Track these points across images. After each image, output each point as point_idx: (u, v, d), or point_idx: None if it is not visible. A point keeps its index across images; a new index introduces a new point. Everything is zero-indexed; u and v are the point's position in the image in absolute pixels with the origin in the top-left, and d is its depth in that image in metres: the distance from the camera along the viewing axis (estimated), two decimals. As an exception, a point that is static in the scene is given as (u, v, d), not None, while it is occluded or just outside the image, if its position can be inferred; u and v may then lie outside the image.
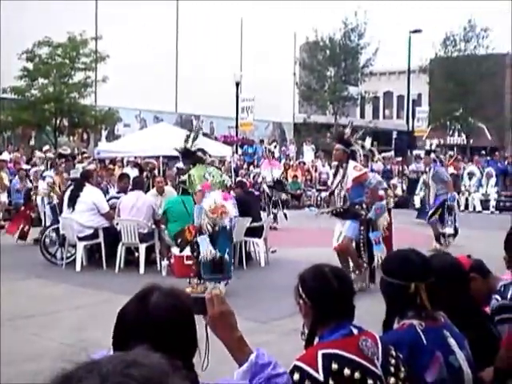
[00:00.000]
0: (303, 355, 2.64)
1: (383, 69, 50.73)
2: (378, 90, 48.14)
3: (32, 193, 16.31)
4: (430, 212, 13.99)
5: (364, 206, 9.79)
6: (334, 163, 11.75)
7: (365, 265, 9.79)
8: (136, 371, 1.05)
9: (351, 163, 9.80)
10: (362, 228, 9.79)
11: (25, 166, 20.55)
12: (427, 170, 14.62)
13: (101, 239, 11.57)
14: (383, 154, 29.98)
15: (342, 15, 39.72)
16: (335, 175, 10.36)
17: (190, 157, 9.76)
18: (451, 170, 22.47)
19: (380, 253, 9.65)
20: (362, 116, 51.73)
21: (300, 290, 2.78)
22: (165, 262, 11.07)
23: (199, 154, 9.82)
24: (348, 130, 10.23)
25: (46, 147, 24.48)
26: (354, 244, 9.82)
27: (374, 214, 9.73)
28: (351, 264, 9.77)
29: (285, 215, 17.67)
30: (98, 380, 1.02)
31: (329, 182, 10.62)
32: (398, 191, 26.26)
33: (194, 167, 9.62)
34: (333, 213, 10.36)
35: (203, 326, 2.20)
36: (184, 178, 9.85)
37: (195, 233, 9.51)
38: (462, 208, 23.91)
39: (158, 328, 1.91)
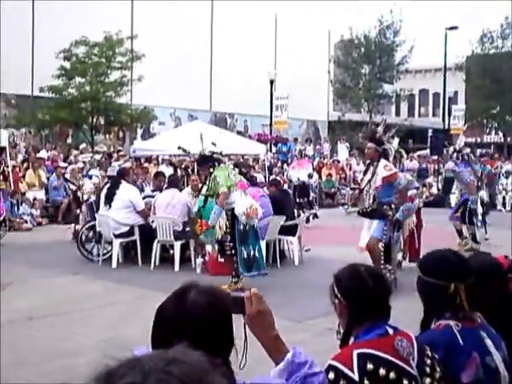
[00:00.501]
0: (338, 354, 2.64)
1: (419, 66, 50.30)
2: (414, 87, 47.76)
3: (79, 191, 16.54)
4: (454, 209, 14.06)
5: (393, 206, 9.68)
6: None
7: (388, 266, 9.62)
8: (176, 368, 1.07)
9: (382, 162, 9.67)
10: (386, 228, 9.62)
11: (62, 164, 20.79)
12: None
13: (136, 236, 11.68)
14: (419, 153, 29.76)
15: (377, 13, 39.54)
16: (365, 173, 10.25)
17: (207, 161, 9.83)
18: (488, 168, 22.13)
19: (393, 253, 9.59)
20: (398, 114, 51.36)
21: (335, 289, 2.78)
22: (199, 260, 11.14)
23: (216, 156, 9.94)
24: (380, 129, 10.14)
25: (83, 145, 24.78)
26: (380, 245, 9.66)
27: (402, 215, 9.63)
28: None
29: (314, 216, 17.59)
30: (139, 377, 1.04)
31: (358, 180, 10.54)
32: (434, 190, 26.05)
33: (216, 168, 9.69)
34: (360, 212, 10.30)
35: (241, 325, 2.21)
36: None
37: (205, 229, 9.73)
38: (499, 207, 23.65)
39: (195, 325, 1.94)
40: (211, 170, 9.71)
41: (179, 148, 10.24)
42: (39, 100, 28.15)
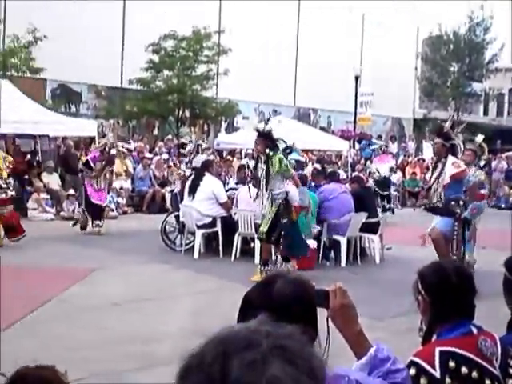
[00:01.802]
0: (420, 351, 2.65)
1: (509, 65, 48.80)
2: (504, 86, 46.38)
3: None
4: None
5: (461, 203, 9.48)
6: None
7: None
8: (289, 343, 1.11)
9: (450, 159, 9.49)
10: (451, 224, 9.45)
11: (148, 155, 21.26)
12: None
13: (218, 228, 11.86)
14: (507, 154, 28.95)
15: (467, 9, 38.56)
16: (434, 169, 10.07)
17: (271, 140, 9.88)
18: None
19: (468, 252, 9.37)
20: (486, 113, 49.99)
21: (419, 285, 2.77)
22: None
23: (279, 141, 10.15)
24: (448, 124, 9.95)
25: (169, 137, 25.28)
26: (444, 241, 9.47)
27: (470, 213, 9.40)
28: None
29: (391, 210, 17.46)
30: (259, 355, 1.07)
31: (427, 176, 10.33)
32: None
33: (276, 152, 9.82)
34: (426, 207, 10.13)
35: (324, 319, 2.25)
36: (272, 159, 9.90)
37: (299, 212, 9.85)
38: None
39: (280, 314, 1.99)
40: (268, 150, 9.82)
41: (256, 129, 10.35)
42: (128, 92, 28.83)
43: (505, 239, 11.70)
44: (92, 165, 14.44)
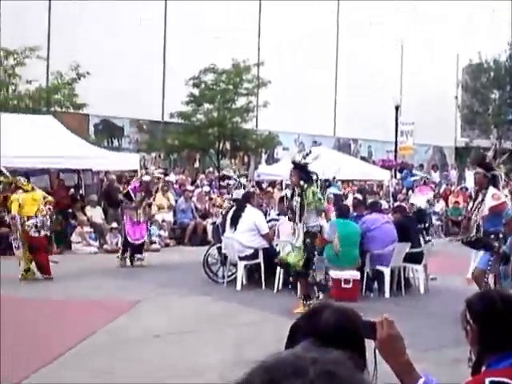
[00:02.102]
0: (470, 382, 2.60)
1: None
2: (547, 113, 45.74)
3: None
4: None
5: (500, 236, 9.12)
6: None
7: None
8: (338, 370, 1.09)
9: (490, 190, 9.24)
10: (492, 260, 9.08)
11: (190, 187, 21.41)
12: None
13: (260, 259, 11.83)
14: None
15: (507, 36, 38.31)
16: (474, 200, 9.75)
17: (305, 173, 9.89)
18: None
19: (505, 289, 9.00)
20: (529, 140, 49.32)
21: (467, 315, 2.74)
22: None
23: (313, 175, 10.13)
24: (490, 153, 9.71)
25: (210, 169, 25.48)
26: (489, 277, 9.13)
27: (509, 247, 8.96)
28: None
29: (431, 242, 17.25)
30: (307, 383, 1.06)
31: (469, 207, 10.03)
32: None
33: (310, 184, 9.82)
34: (463, 241, 9.84)
35: (371, 350, 2.23)
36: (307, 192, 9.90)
37: (322, 243, 9.83)
38: None
39: (327, 343, 1.98)
40: (302, 182, 9.83)
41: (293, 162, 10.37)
42: (169, 125, 29.20)
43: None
44: (132, 195, 14.59)
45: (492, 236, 9.17)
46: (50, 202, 12.78)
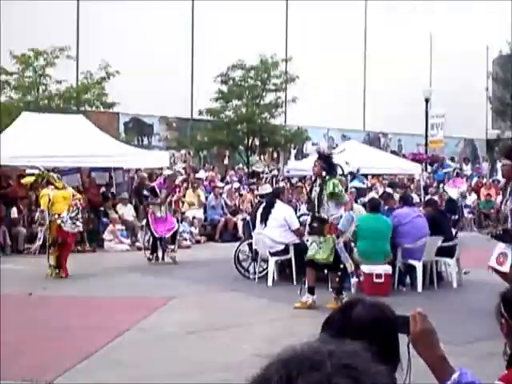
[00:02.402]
0: (506, 375, 2.59)
1: None
2: None
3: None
4: None
5: None
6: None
7: None
8: (355, 362, 1.10)
9: None
10: None
11: (219, 184, 21.47)
12: None
13: (291, 255, 11.82)
14: None
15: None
16: (504, 193, 9.61)
17: (328, 164, 9.86)
18: None
19: None
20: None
21: (502, 308, 2.73)
22: (354, 280, 11.08)
23: (337, 167, 10.23)
24: None
25: (239, 166, 25.53)
26: None
27: None
28: None
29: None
30: (324, 376, 1.06)
31: (498, 200, 9.75)
32: None
33: (331, 177, 9.76)
34: (492, 234, 9.66)
35: (405, 344, 2.22)
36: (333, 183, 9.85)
37: (332, 232, 9.64)
38: None
39: (360, 338, 1.98)
40: (324, 173, 9.81)
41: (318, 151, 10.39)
42: (198, 123, 29.33)
43: None
44: (158, 191, 14.68)
45: None
46: (79, 199, 12.90)
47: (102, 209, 18.06)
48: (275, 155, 32.45)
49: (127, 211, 18.23)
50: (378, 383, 1.08)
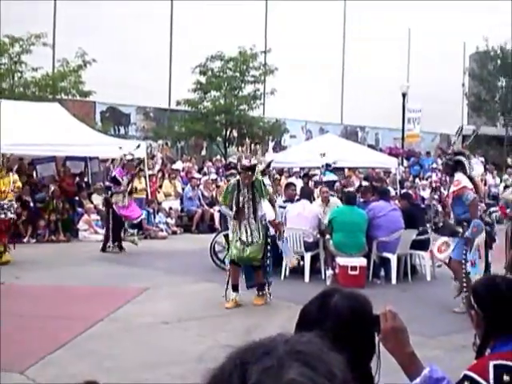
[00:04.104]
0: (474, 365, 2.62)
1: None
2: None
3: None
4: None
5: (464, 223, 9.12)
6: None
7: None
8: (307, 348, 1.11)
9: (455, 176, 9.26)
10: (464, 247, 9.09)
11: (197, 175, 21.42)
12: None
13: (268, 247, 11.81)
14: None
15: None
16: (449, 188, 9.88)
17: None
18: None
19: (475, 276, 8.74)
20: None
21: (472, 299, 2.76)
22: (329, 272, 11.14)
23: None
24: (455, 139, 9.81)
25: (217, 157, 25.48)
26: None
27: (471, 232, 8.98)
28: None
29: None
30: (275, 360, 1.08)
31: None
32: None
33: (257, 177, 9.74)
34: (432, 229, 9.90)
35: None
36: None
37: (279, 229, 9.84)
38: None
39: (336, 328, 1.98)
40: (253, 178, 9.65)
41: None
42: (176, 113, 29.21)
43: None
44: (120, 179, 14.65)
45: (462, 223, 9.15)
46: (18, 187, 12.86)
47: (76, 198, 17.93)
48: (253, 147, 32.40)
49: (102, 201, 18.10)
50: (332, 370, 1.09)
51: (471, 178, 9.37)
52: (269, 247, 9.77)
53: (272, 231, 9.95)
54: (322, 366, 1.08)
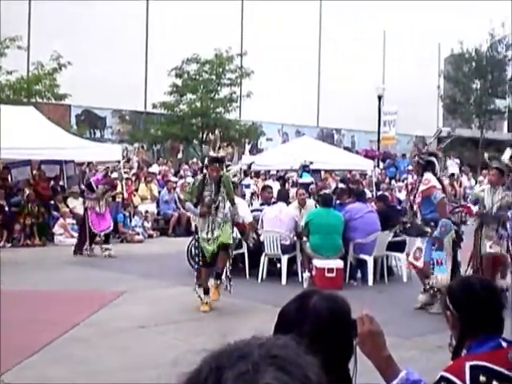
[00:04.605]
0: (450, 366, 2.63)
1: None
2: (528, 102, 46.05)
3: None
4: None
5: (432, 223, 9.24)
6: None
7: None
8: (282, 353, 1.11)
9: (424, 176, 9.36)
10: (431, 248, 9.20)
11: (173, 178, 21.35)
12: None
13: (245, 249, 11.83)
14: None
15: (488, 26, 38.43)
16: (413, 188, 10.00)
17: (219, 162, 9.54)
18: None
19: (441, 275, 9.00)
20: (510, 130, 49.61)
21: (447, 300, 2.78)
22: (306, 274, 11.16)
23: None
24: (432, 139, 9.93)
25: (193, 160, 25.43)
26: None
27: (439, 232, 9.08)
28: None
29: None
30: (250, 365, 1.08)
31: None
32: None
33: (224, 174, 9.54)
34: (400, 230, 10.00)
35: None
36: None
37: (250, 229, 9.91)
38: None
39: (315, 329, 1.98)
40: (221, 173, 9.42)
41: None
42: (152, 116, 29.11)
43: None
44: (94, 187, 14.59)
45: (430, 223, 9.24)
46: None
47: (52, 202, 17.79)
48: (230, 150, 32.38)
49: (78, 205, 17.97)
50: (307, 374, 1.09)
51: (440, 180, 9.47)
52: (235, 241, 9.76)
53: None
54: (296, 370, 1.08)
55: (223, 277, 9.59)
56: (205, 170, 9.68)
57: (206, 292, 9.33)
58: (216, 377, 1.08)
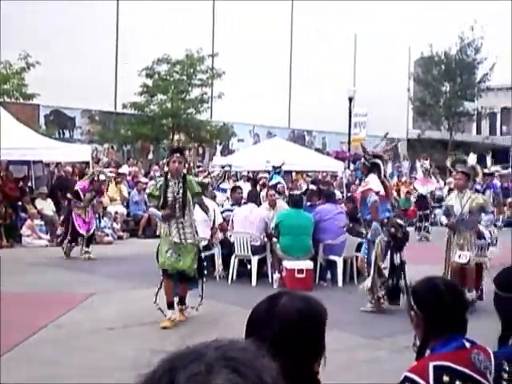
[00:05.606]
0: (414, 366, 2.64)
1: (501, 84, 49.10)
2: (496, 105, 46.68)
3: None
4: None
5: (364, 224, 9.59)
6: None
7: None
8: (237, 355, 1.11)
9: (368, 178, 9.57)
10: (367, 247, 9.56)
11: (143, 179, 21.22)
12: None
13: (215, 251, 11.80)
14: (502, 172, 28.96)
15: (457, 30, 38.88)
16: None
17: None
18: None
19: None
20: (479, 132, 50.25)
21: (412, 301, 2.79)
22: (276, 275, 11.18)
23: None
24: (382, 142, 10.25)
25: (164, 161, 25.27)
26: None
27: (370, 234, 9.31)
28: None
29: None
30: (203, 366, 1.07)
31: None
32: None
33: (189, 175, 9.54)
34: (346, 229, 10.72)
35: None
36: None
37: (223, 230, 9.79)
38: None
39: (284, 329, 1.98)
40: (184, 171, 9.10)
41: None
42: (122, 116, 28.91)
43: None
44: (81, 195, 14.49)
45: (368, 224, 9.46)
46: None
47: (19, 203, 17.57)
48: (201, 151, 32.35)
49: (46, 206, 17.80)
50: (262, 377, 1.08)
51: (383, 182, 9.60)
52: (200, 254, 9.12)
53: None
54: (251, 373, 1.07)
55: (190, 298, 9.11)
56: (166, 168, 8.95)
57: (170, 306, 8.71)
58: (169, 378, 1.08)
